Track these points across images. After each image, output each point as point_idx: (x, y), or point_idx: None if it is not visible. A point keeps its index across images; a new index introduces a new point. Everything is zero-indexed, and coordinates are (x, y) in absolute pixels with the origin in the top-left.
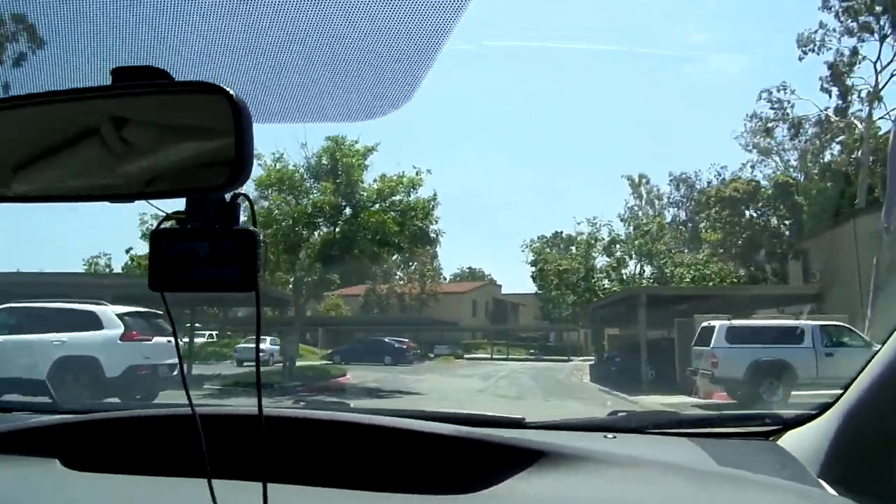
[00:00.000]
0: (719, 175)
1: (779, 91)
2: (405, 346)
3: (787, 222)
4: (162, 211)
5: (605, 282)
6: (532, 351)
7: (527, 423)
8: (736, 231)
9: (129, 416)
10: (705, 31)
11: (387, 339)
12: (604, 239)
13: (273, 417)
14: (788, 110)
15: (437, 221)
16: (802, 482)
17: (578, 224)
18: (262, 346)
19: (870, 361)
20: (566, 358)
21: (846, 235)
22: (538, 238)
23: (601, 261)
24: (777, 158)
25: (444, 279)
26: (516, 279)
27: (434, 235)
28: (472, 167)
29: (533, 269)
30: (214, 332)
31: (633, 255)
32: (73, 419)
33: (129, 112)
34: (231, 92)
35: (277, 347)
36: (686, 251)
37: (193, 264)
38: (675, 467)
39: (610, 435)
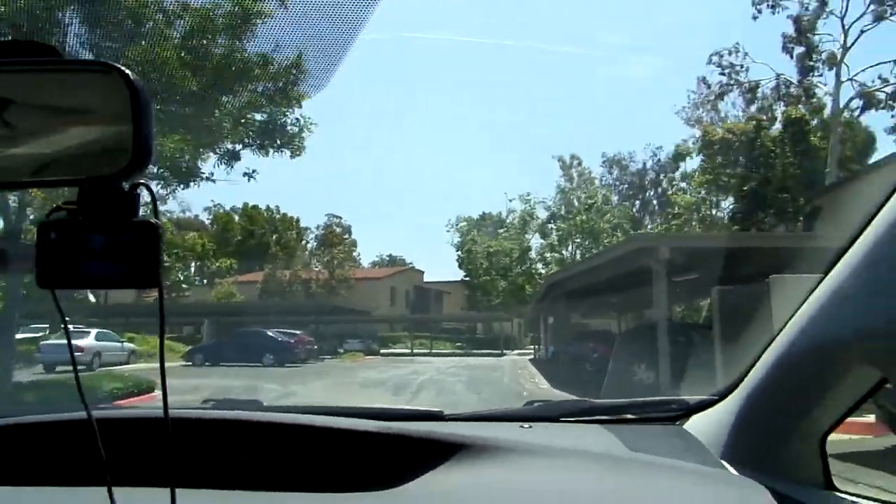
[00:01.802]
0: (654, 155)
1: (730, 54)
2: (293, 342)
3: (796, 171)
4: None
5: (541, 265)
6: (459, 344)
7: (445, 416)
8: (730, 185)
9: (14, 423)
10: None
11: (269, 333)
12: (539, 218)
13: (179, 419)
14: (742, 75)
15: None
16: (706, 464)
17: (510, 201)
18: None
19: (769, 345)
20: (499, 352)
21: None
22: (464, 218)
23: (536, 242)
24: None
25: (361, 266)
26: (442, 268)
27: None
28: (395, 150)
29: (459, 252)
30: (46, 325)
31: (576, 233)
32: None
33: (11, 92)
34: (128, 72)
35: (112, 344)
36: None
37: (87, 259)
38: (589, 454)
39: (527, 424)
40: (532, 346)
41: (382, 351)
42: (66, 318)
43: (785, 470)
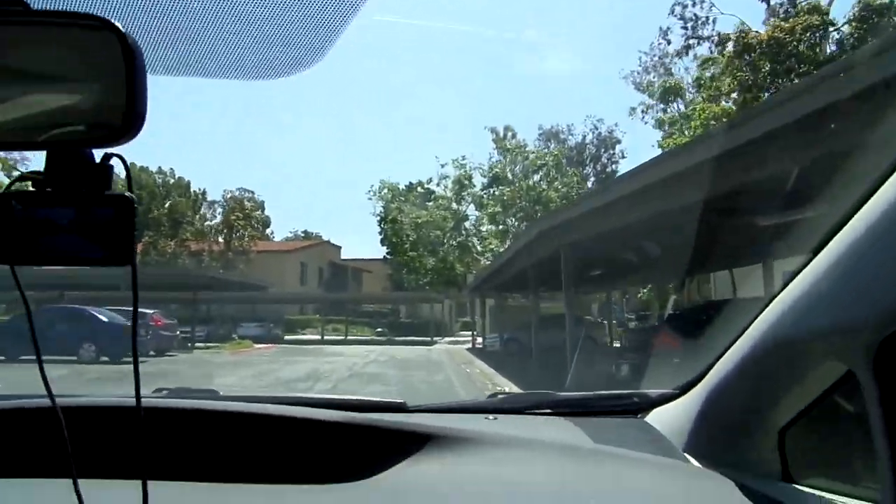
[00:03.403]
0: (595, 129)
1: (694, 5)
2: (147, 324)
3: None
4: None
5: (476, 240)
6: (380, 330)
7: (408, 408)
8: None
9: None
10: None
11: (93, 312)
12: (475, 186)
13: (148, 409)
14: (706, 29)
15: None
16: (668, 456)
17: (442, 167)
18: None
19: (734, 341)
20: (429, 339)
21: None
22: (388, 184)
23: (473, 214)
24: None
25: (271, 238)
26: (364, 247)
27: None
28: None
29: (382, 225)
30: None
31: (522, 200)
32: None
33: None
34: (122, 28)
35: None
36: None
37: (55, 234)
38: (555, 446)
39: (491, 416)
40: (465, 333)
41: (287, 337)
42: (25, 296)
43: (745, 463)
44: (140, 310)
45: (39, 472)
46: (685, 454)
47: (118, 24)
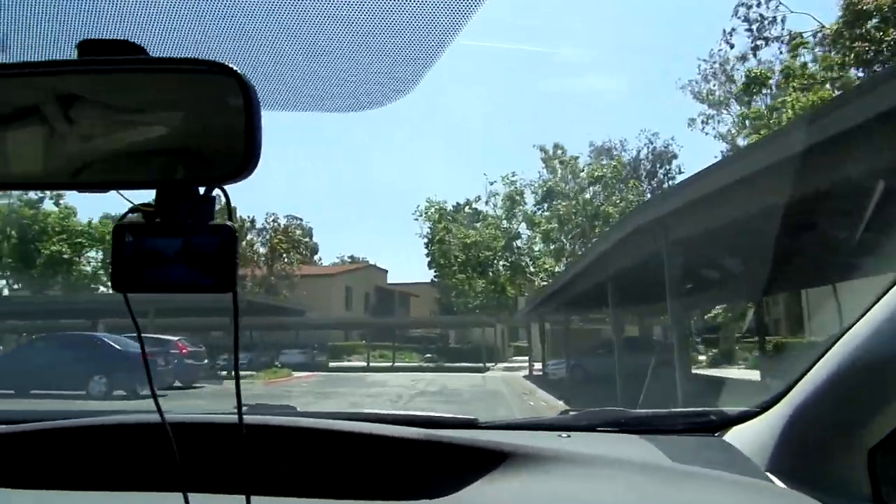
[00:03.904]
0: (650, 143)
1: (759, 5)
2: (163, 353)
3: None
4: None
5: (528, 259)
6: (428, 356)
7: (480, 424)
8: None
9: (87, 424)
10: None
11: (106, 339)
12: (526, 203)
13: (250, 426)
14: (774, 30)
15: None
16: (751, 476)
17: (491, 184)
18: None
19: (819, 358)
20: (481, 365)
21: None
22: (435, 203)
23: (524, 233)
24: (734, 108)
25: (319, 262)
26: (409, 270)
27: None
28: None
29: (429, 246)
30: None
31: (578, 216)
32: (11, 429)
33: (103, 91)
34: (239, 72)
35: None
36: None
37: (163, 263)
38: (632, 464)
39: (564, 434)
40: (519, 359)
41: (332, 364)
42: (138, 323)
43: (832, 484)
44: (163, 336)
45: (150, 486)
46: (768, 474)
47: (236, 68)
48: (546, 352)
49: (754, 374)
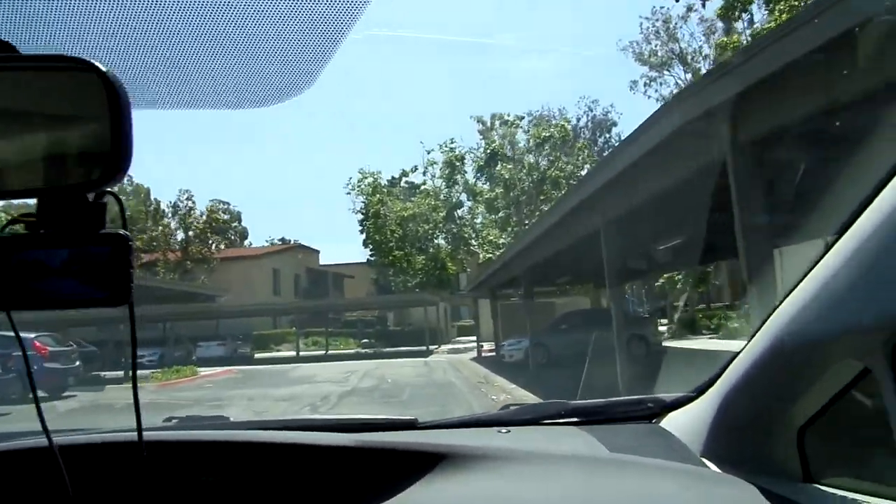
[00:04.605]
0: (590, 111)
1: None
2: (11, 355)
3: None
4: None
5: (471, 232)
6: (366, 341)
7: (420, 424)
8: None
9: None
10: None
11: None
12: (466, 173)
13: (152, 443)
14: None
15: None
16: (687, 461)
17: (429, 153)
18: None
19: (748, 343)
20: (424, 348)
21: None
22: (369, 173)
23: (466, 204)
24: (680, 69)
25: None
26: (344, 251)
27: None
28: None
29: (364, 223)
30: None
31: (525, 181)
32: None
33: None
34: (103, 68)
35: None
36: None
37: (50, 276)
38: (571, 458)
39: (504, 429)
40: (463, 339)
41: (258, 356)
42: (21, 339)
43: (764, 465)
44: (7, 333)
45: None
46: (703, 459)
47: (100, 65)
48: (499, 330)
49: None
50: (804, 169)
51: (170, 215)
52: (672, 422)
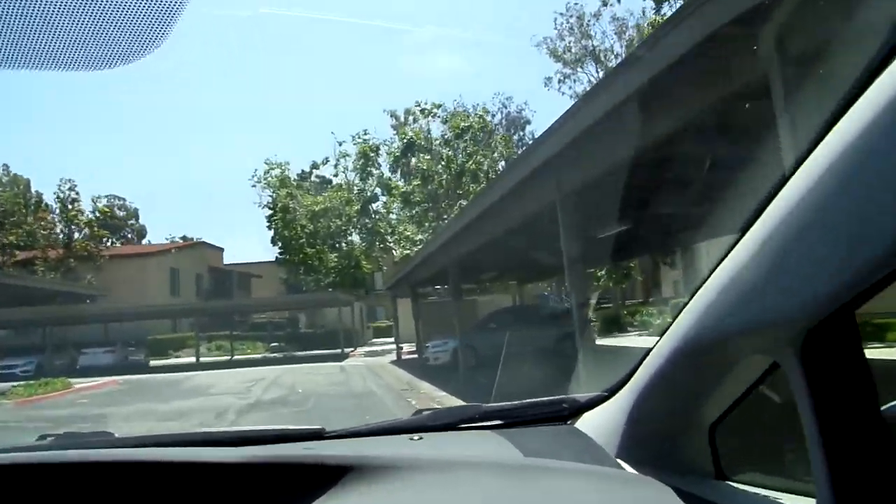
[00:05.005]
0: (504, 108)
1: None
2: None
3: None
4: None
5: (386, 227)
6: (275, 344)
7: (327, 434)
8: None
9: None
10: None
11: None
12: (381, 167)
13: (10, 466)
14: None
15: None
16: (601, 463)
17: (340, 145)
18: None
19: (658, 341)
20: (338, 351)
21: None
22: (276, 164)
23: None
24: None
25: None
26: (251, 250)
27: None
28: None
29: (272, 218)
30: None
31: (443, 173)
32: None
33: None
34: None
35: None
36: None
37: None
38: (483, 463)
39: (416, 436)
40: (380, 341)
41: (154, 363)
42: None
43: (677, 463)
44: None
45: None
46: (617, 460)
47: None
48: (420, 331)
49: None
50: (715, 163)
51: (57, 211)
52: (587, 423)
